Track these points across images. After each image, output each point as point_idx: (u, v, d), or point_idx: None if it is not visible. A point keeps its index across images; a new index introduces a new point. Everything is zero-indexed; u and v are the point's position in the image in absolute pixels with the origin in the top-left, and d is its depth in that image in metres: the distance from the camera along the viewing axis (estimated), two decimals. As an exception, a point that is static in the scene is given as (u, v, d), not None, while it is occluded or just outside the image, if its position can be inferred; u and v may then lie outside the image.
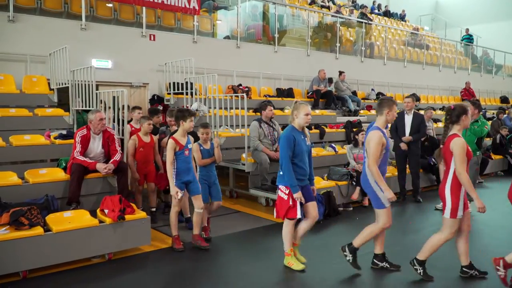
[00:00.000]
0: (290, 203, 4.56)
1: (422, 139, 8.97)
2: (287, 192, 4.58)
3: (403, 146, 7.88)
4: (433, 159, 9.03)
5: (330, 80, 12.52)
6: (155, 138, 6.60)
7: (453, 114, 4.33)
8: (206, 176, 5.63)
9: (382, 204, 4.49)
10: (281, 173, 4.64)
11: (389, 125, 9.33)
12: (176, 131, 5.59)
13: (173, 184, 5.14)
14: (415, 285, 4.39)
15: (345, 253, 4.71)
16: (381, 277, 4.61)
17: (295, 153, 4.56)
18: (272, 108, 7.69)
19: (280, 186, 4.69)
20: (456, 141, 4.19)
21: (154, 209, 6.52)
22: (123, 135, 6.69)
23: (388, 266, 4.73)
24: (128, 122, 7.34)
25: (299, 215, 4.60)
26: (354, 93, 13.28)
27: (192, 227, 5.43)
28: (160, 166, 6.59)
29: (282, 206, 4.63)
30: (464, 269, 4.56)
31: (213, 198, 5.71)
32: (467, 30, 20.73)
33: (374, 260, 4.77)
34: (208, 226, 5.80)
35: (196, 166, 5.64)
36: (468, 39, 20.58)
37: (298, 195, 4.51)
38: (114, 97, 6.91)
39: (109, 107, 6.87)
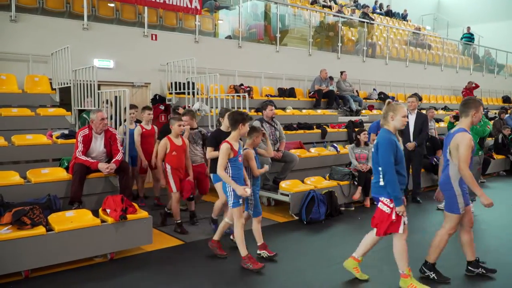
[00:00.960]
0: (393, 217, 4.08)
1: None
2: (391, 205, 4.08)
3: (411, 145, 7.86)
4: (434, 159, 9.02)
5: (330, 78, 12.50)
6: (187, 141, 6.13)
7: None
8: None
9: (458, 209, 4.26)
10: (381, 183, 4.12)
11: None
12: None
13: (236, 184, 4.61)
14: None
15: (426, 274, 4.45)
16: (382, 277, 4.60)
17: (397, 160, 4.10)
18: (272, 107, 7.69)
19: (382, 199, 4.17)
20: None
21: (179, 221, 5.99)
22: (124, 134, 6.70)
23: (484, 271, 4.55)
24: (137, 122, 7.38)
25: (401, 231, 4.12)
26: (356, 92, 13.27)
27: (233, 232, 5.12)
28: (189, 172, 6.10)
29: (383, 221, 4.13)
30: (469, 267, 4.54)
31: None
32: (468, 28, 20.67)
33: (469, 267, 4.58)
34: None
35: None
36: (469, 37, 20.51)
37: (401, 209, 4.04)
38: (116, 97, 6.92)
39: (110, 106, 6.91)
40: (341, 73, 12.74)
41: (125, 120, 6.85)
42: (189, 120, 6.34)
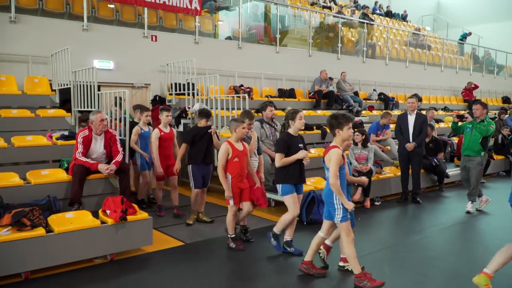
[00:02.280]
0: None
1: (427, 140, 8.97)
2: None
3: (410, 146, 7.86)
4: (435, 160, 9.01)
5: (330, 78, 12.49)
6: (247, 145, 5.56)
7: None
8: None
9: None
10: None
11: (392, 126, 9.38)
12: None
13: (344, 197, 4.32)
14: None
15: None
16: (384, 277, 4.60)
17: None
18: (272, 108, 7.68)
19: None
20: None
21: (233, 235, 5.50)
22: (124, 135, 6.70)
23: None
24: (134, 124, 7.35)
25: None
26: (356, 93, 13.27)
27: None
28: (254, 180, 5.54)
29: None
30: None
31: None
32: (470, 33, 20.64)
33: None
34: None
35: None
36: (464, 37, 20.44)
37: None
38: (115, 98, 6.92)
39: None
40: (341, 73, 12.75)
41: (135, 123, 6.92)
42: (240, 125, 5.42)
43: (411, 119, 7.94)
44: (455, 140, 11.59)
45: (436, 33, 22.67)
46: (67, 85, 7.38)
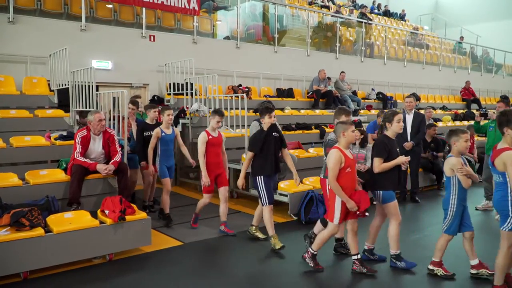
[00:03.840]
0: None
1: (429, 140, 9.00)
2: None
3: (408, 145, 7.88)
4: (433, 153, 9.05)
5: (328, 78, 12.50)
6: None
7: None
8: None
9: None
10: None
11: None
12: None
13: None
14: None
15: None
16: (386, 277, 4.61)
17: None
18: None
19: None
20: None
21: (315, 252, 4.90)
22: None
23: None
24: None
25: None
26: (354, 93, 13.29)
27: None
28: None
29: None
30: None
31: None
32: (462, 38, 20.67)
33: None
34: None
35: None
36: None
37: None
38: (114, 98, 6.92)
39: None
40: (340, 73, 12.77)
41: (148, 124, 6.74)
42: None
43: (409, 118, 7.94)
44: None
45: (434, 32, 22.69)
46: (65, 85, 7.38)
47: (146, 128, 6.72)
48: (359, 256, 4.64)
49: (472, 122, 13.03)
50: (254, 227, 5.82)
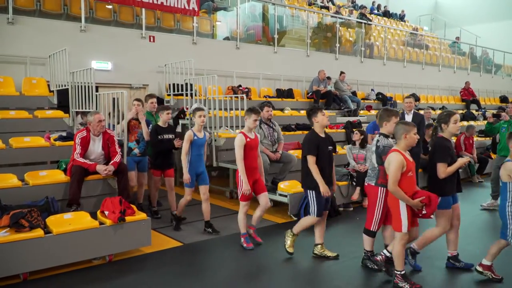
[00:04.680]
0: None
1: (428, 140, 8.99)
2: None
3: None
4: None
5: (328, 78, 12.51)
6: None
7: None
8: None
9: None
10: None
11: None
12: None
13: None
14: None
15: None
16: (380, 276, 4.61)
17: None
18: (269, 109, 7.69)
19: None
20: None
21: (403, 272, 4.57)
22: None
23: None
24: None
25: None
26: (354, 93, 13.29)
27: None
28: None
29: None
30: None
31: None
32: (458, 38, 20.69)
33: None
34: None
35: None
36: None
37: None
38: (114, 99, 6.91)
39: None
40: (340, 73, 12.77)
41: (160, 127, 6.39)
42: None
43: (408, 119, 7.92)
44: (452, 139, 11.58)
45: (434, 33, 22.71)
46: (65, 86, 7.37)
47: (161, 131, 6.39)
48: (403, 272, 4.31)
49: (471, 123, 13.07)
50: (319, 245, 5.17)
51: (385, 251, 4.63)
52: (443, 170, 4.37)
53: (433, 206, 4.19)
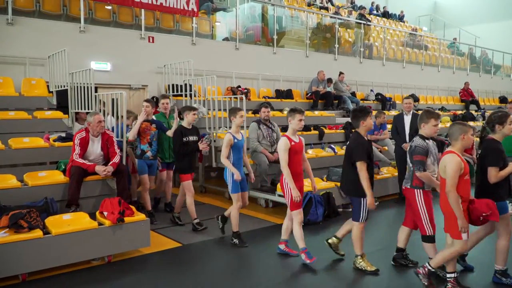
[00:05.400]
0: None
1: None
2: None
3: (406, 146, 7.88)
4: None
5: (329, 80, 12.53)
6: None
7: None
8: None
9: None
10: None
11: (389, 126, 9.40)
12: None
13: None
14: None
15: None
16: (382, 278, 4.61)
17: None
18: (266, 110, 7.68)
19: None
20: None
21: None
22: (121, 137, 6.64)
23: None
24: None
25: None
26: (353, 94, 13.30)
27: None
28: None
29: None
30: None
31: None
32: (455, 39, 20.71)
33: None
34: None
35: None
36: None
37: None
38: (113, 100, 6.91)
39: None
40: (339, 74, 12.78)
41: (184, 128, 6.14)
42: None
43: (407, 120, 7.96)
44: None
45: (433, 34, 22.73)
46: (64, 86, 7.37)
47: (185, 133, 6.11)
48: (456, 275, 4.16)
49: (471, 123, 13.06)
50: (359, 256, 4.82)
51: (428, 265, 4.25)
52: (494, 175, 4.15)
53: (495, 211, 3.96)
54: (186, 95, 8.98)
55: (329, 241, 5.17)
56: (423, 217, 4.42)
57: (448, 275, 4.17)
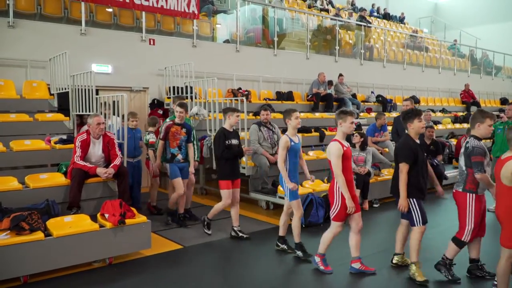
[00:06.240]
0: None
1: (428, 142, 9.02)
2: None
3: None
4: (435, 161, 9.05)
5: (330, 83, 12.55)
6: None
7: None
8: None
9: None
10: None
11: (390, 128, 9.41)
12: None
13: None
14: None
15: None
16: (388, 278, 4.61)
17: None
18: (266, 112, 7.67)
19: None
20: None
21: None
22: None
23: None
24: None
25: None
26: (354, 95, 13.31)
27: None
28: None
29: None
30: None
31: None
32: (455, 40, 20.71)
33: None
34: None
35: None
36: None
37: None
38: (114, 102, 6.93)
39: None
40: (339, 75, 12.79)
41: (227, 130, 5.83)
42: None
43: (408, 121, 7.95)
44: (453, 142, 11.60)
45: (434, 35, 22.73)
46: (65, 89, 7.39)
47: (228, 135, 5.77)
48: None
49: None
50: (412, 264, 4.59)
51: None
52: None
53: None
54: (187, 97, 8.99)
55: (394, 262, 4.91)
56: (468, 223, 4.29)
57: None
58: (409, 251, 4.64)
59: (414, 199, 4.56)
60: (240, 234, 5.93)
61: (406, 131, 4.67)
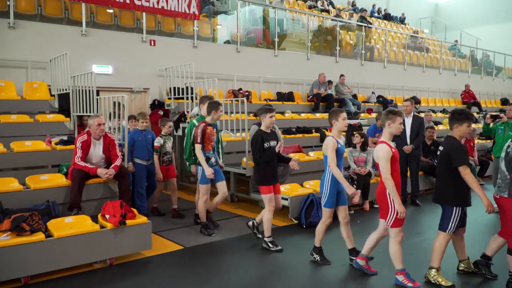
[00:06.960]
0: None
1: (428, 142, 9.02)
2: None
3: (408, 149, 7.89)
4: (436, 161, 9.05)
5: (330, 83, 12.54)
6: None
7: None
8: None
9: None
10: None
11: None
12: None
13: None
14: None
15: None
16: (382, 279, 4.60)
17: None
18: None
19: None
20: None
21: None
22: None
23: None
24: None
25: None
26: (355, 96, 13.30)
27: None
28: None
29: None
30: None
31: None
32: (456, 41, 20.70)
33: None
34: None
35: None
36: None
37: None
38: (114, 103, 6.93)
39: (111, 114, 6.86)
40: (340, 76, 12.80)
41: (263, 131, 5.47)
42: None
43: (408, 122, 7.96)
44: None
45: (434, 36, 22.74)
46: (66, 90, 7.40)
47: (266, 137, 5.42)
48: None
49: (473, 125, 13.05)
50: (434, 269, 4.44)
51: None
52: None
53: None
54: (187, 98, 8.99)
55: (460, 268, 4.77)
56: None
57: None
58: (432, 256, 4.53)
59: (460, 208, 4.31)
60: (273, 247, 5.43)
61: (451, 133, 4.43)
